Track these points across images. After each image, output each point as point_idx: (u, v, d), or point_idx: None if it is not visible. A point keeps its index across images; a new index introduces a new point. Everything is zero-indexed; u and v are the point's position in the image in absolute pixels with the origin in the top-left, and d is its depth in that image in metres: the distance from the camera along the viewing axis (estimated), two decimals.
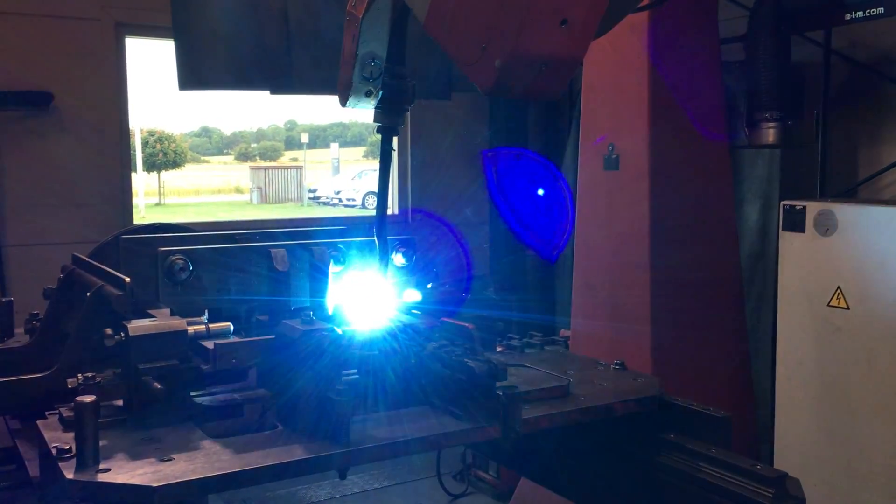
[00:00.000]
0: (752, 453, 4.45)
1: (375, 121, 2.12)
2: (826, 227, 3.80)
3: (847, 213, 3.75)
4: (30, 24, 5.50)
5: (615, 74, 4.28)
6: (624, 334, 4.19)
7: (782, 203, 4.09)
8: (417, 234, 2.62)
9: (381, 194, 2.24)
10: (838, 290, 3.78)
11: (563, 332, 5.13)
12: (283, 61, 2.61)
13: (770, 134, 4.42)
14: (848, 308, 3.75)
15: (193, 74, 2.51)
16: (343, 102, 2.14)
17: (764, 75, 4.37)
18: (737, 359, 4.44)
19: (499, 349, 4.51)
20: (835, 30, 4.88)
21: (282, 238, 2.39)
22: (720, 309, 4.36)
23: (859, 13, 4.06)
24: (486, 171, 6.99)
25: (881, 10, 3.95)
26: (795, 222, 3.92)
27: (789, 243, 3.99)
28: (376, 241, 2.19)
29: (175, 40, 2.50)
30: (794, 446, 4.08)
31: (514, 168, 7.05)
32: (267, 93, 2.62)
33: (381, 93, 2.10)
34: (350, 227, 2.59)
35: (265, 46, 2.59)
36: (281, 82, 2.64)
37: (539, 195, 6.87)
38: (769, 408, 4.49)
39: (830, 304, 3.81)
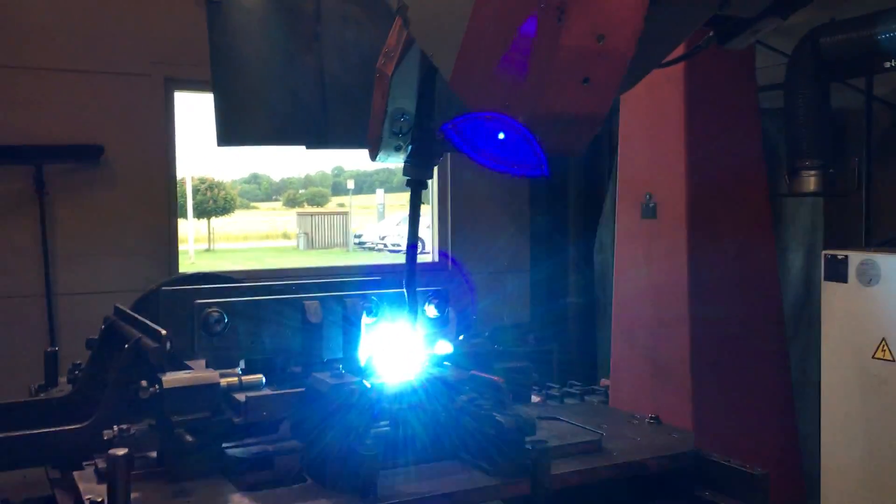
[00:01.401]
0: None
1: (405, 174, 2.15)
2: (869, 276, 3.72)
3: (890, 263, 3.67)
4: (83, 81, 5.71)
5: (652, 124, 4.29)
6: (664, 385, 4.13)
7: (824, 252, 4.02)
8: (455, 281, 2.63)
9: (411, 246, 2.26)
10: (883, 342, 3.68)
11: (604, 382, 5.08)
12: (319, 117, 2.66)
13: (811, 182, 4.36)
14: (893, 360, 3.65)
15: (232, 131, 2.58)
16: (373, 157, 2.18)
17: (803, 123, 4.33)
18: (781, 412, 4.34)
19: (536, 399, 4.48)
20: (877, 77, 4.83)
21: (316, 289, 2.42)
22: (763, 361, 4.27)
23: None
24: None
25: None
26: (838, 272, 3.85)
27: (832, 293, 3.91)
28: (405, 293, 2.21)
29: (214, 97, 2.57)
30: (840, 500, 3.95)
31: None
32: (303, 147, 2.71)
33: (410, 147, 2.14)
34: (385, 277, 2.61)
35: (301, 102, 2.65)
36: (316, 137, 2.69)
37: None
38: (817, 462, 4.37)
39: (875, 356, 3.72)
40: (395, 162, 2.19)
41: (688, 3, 1.75)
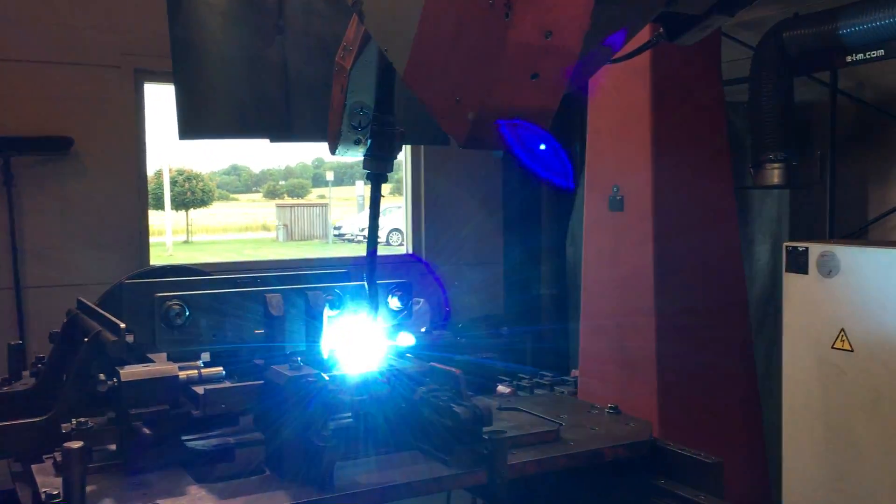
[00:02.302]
0: (765, 496, 4.40)
1: (364, 167, 2.17)
2: (829, 268, 3.78)
3: (849, 255, 3.73)
4: (52, 72, 5.67)
5: (619, 116, 4.32)
6: (631, 376, 4.18)
7: (785, 244, 4.08)
8: (424, 276, 2.65)
9: (372, 238, 2.27)
10: (842, 333, 3.75)
11: (574, 373, 5.12)
12: (282, 110, 2.67)
13: (775, 174, 4.42)
14: (852, 350, 3.72)
15: (193, 124, 2.58)
16: (333, 151, 2.19)
17: (768, 116, 4.39)
18: (746, 401, 4.41)
19: (507, 390, 4.51)
20: (841, 70, 4.89)
21: (279, 282, 2.43)
22: (728, 351, 4.33)
23: (860, 55, 4.08)
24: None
25: (881, 52, 3.97)
26: (798, 264, 3.91)
27: (793, 285, 3.97)
28: (366, 285, 2.22)
29: (176, 90, 2.57)
30: (801, 489, 4.02)
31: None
32: (266, 141, 2.70)
33: (369, 141, 2.15)
34: (352, 269, 2.63)
35: (264, 95, 2.66)
36: (280, 130, 2.70)
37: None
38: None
39: (834, 346, 3.78)
40: (354, 156, 2.20)
41: (634, 1, 1.78)
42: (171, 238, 32.25)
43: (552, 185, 6.89)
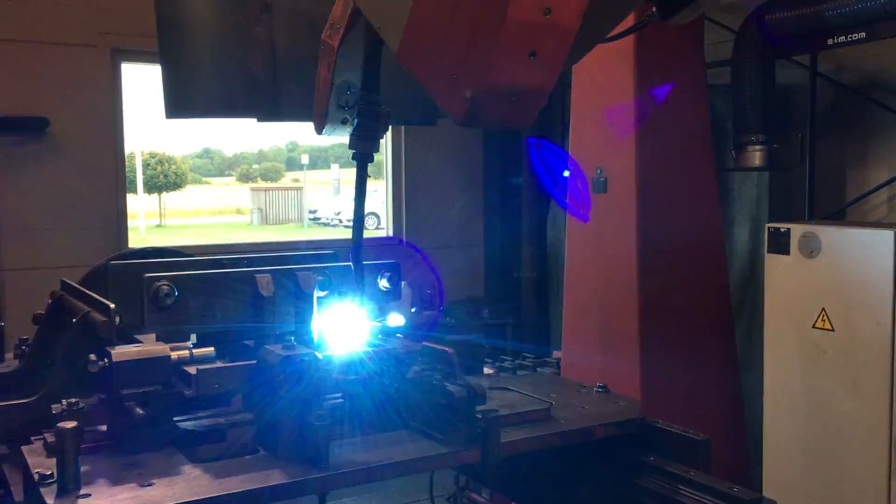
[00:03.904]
0: (745, 475, 4.46)
1: (350, 147, 2.15)
2: (810, 249, 3.83)
3: (830, 236, 3.78)
4: (27, 51, 5.57)
5: (603, 98, 4.33)
6: (614, 357, 4.21)
7: (767, 226, 4.12)
8: (407, 258, 2.65)
9: (358, 219, 2.26)
10: (823, 312, 3.80)
11: (556, 354, 5.15)
12: (270, 89, 2.65)
13: (756, 156, 4.46)
14: (833, 330, 3.77)
15: (180, 102, 2.55)
16: (319, 130, 2.17)
17: (749, 98, 4.42)
18: (727, 381, 4.46)
19: (490, 371, 4.53)
20: (822, 53, 4.93)
21: (268, 263, 2.42)
22: (709, 331, 4.38)
23: (842, 38, 4.11)
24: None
25: (863, 34, 4.00)
26: (780, 244, 3.95)
27: (775, 265, 4.02)
28: (352, 266, 2.22)
29: (162, 68, 2.53)
30: (782, 468, 4.09)
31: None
32: (254, 120, 2.68)
33: (356, 121, 2.13)
34: (339, 251, 2.62)
35: (252, 75, 2.63)
36: (268, 110, 2.67)
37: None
38: (761, 430, 4.50)
39: (816, 325, 3.84)
40: (341, 135, 2.18)
41: None
42: (145, 222, 31.94)
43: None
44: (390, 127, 7.04)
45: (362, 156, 2.19)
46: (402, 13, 1.69)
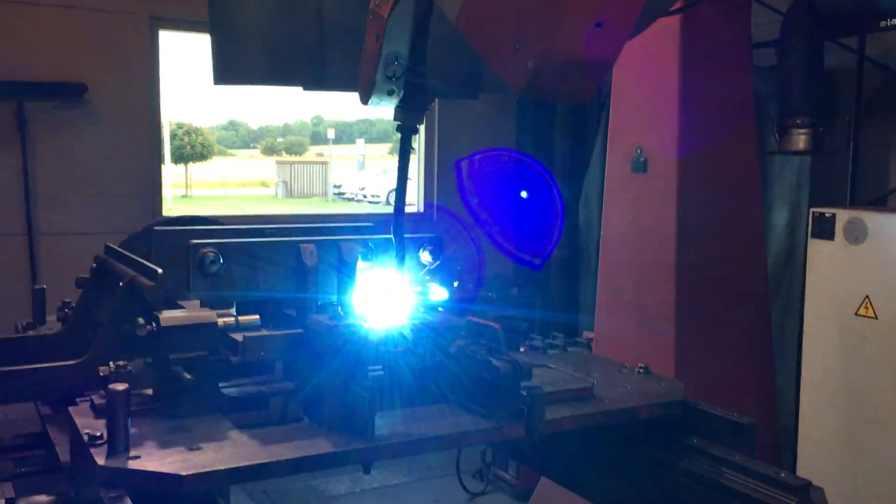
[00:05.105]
0: (773, 459, 4.42)
1: (395, 119, 2.13)
2: (856, 235, 3.76)
3: (877, 222, 3.71)
4: (65, 16, 5.58)
5: (645, 77, 4.27)
6: (648, 336, 4.18)
7: (812, 210, 4.05)
8: (440, 231, 2.63)
9: (400, 192, 2.24)
10: (867, 300, 3.74)
11: (587, 334, 5.12)
12: (317, 58, 2.62)
13: (800, 140, 4.37)
14: (876, 317, 3.71)
15: (228, 69, 2.53)
16: (364, 101, 2.14)
17: (795, 81, 4.33)
18: (761, 363, 4.41)
19: (522, 349, 4.51)
20: (868, 37, 4.82)
21: (309, 234, 2.41)
22: (745, 313, 4.33)
23: (894, 20, 4.01)
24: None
25: None
26: (825, 230, 3.89)
27: (818, 251, 3.96)
28: (393, 238, 2.20)
29: (211, 35, 2.51)
30: (816, 454, 4.05)
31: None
32: (299, 89, 2.66)
33: (402, 92, 2.10)
34: (377, 223, 2.60)
35: (300, 43, 2.60)
36: (314, 79, 2.65)
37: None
38: (793, 415, 4.46)
39: (858, 313, 3.78)
40: (386, 106, 2.15)
41: None
42: (171, 192, 32.14)
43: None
44: None
45: (408, 128, 2.17)
46: None
